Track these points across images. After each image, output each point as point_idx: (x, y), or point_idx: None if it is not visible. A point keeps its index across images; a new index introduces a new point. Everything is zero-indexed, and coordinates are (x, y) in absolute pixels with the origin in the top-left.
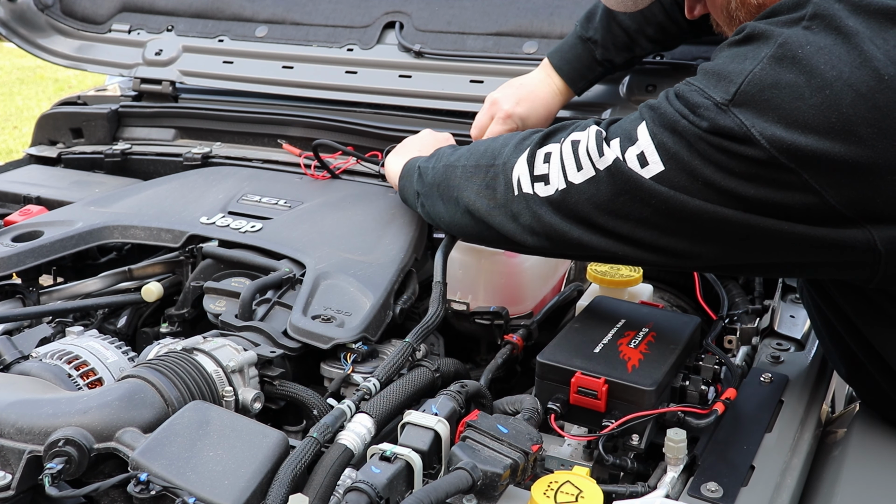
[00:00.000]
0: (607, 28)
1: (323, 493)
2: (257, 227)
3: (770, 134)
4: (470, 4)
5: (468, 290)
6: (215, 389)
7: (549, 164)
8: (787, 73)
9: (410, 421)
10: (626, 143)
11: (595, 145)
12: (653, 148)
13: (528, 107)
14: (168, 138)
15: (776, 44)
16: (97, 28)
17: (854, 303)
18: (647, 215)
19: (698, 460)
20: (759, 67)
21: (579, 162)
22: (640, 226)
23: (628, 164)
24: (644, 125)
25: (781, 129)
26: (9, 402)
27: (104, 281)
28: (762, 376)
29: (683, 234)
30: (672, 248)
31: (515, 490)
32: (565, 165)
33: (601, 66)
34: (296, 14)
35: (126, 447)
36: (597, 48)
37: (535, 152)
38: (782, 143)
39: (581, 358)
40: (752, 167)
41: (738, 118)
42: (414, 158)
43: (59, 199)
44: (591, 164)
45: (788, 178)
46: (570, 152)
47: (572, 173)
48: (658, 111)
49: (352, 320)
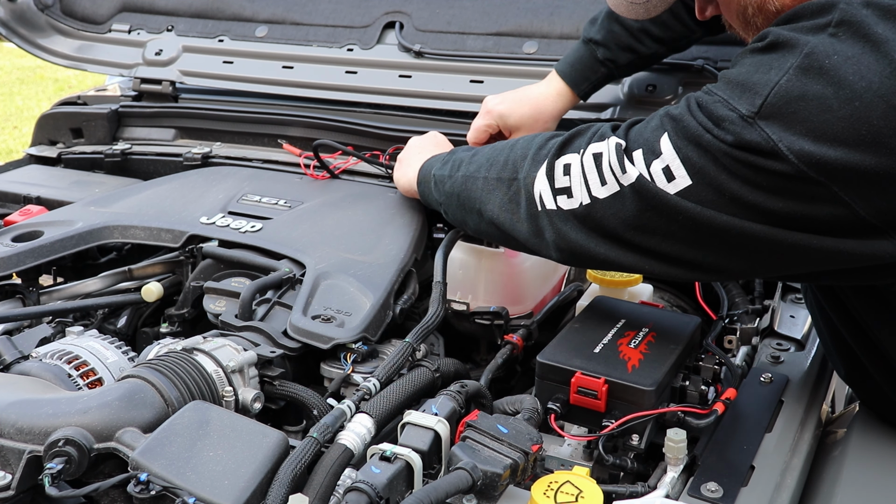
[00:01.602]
0: (608, 28)
1: (323, 493)
2: (257, 227)
3: (798, 148)
4: (470, 4)
5: (468, 290)
6: (215, 389)
7: (570, 175)
8: (815, 84)
9: (410, 421)
10: (650, 156)
11: (617, 160)
12: (678, 162)
13: (510, 106)
14: (168, 138)
15: (802, 53)
16: (97, 28)
17: (866, 302)
18: (674, 230)
19: (698, 460)
20: (786, 79)
21: (602, 177)
22: (667, 240)
23: (654, 180)
24: (667, 137)
25: (809, 142)
26: (9, 402)
27: (104, 281)
28: (762, 376)
29: (711, 248)
30: (699, 262)
31: (515, 490)
32: (588, 179)
33: (604, 66)
34: (296, 14)
35: (126, 447)
36: (598, 48)
37: (554, 164)
38: (811, 158)
39: (581, 358)
40: (780, 181)
41: (764, 132)
42: (427, 163)
43: (59, 199)
44: (615, 180)
45: (817, 191)
46: (593, 166)
47: (596, 188)
48: (681, 123)
49: (352, 320)
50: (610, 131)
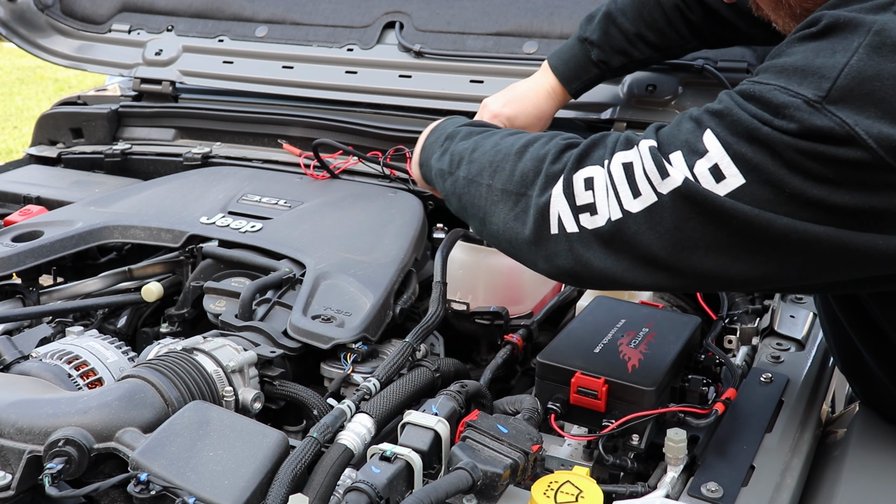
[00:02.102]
0: (605, 30)
1: (323, 493)
2: (257, 227)
3: (877, 132)
4: (470, 4)
5: (468, 290)
6: (215, 389)
7: (594, 190)
8: (889, 62)
9: (410, 421)
10: (692, 156)
11: (654, 165)
12: (728, 160)
13: (515, 108)
14: (168, 138)
15: (871, 31)
16: (97, 28)
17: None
18: (721, 239)
19: (698, 460)
20: (856, 59)
21: (636, 187)
22: (711, 254)
23: (700, 182)
24: (711, 135)
25: (888, 125)
26: (9, 402)
27: (104, 281)
28: (762, 376)
29: (761, 257)
30: (745, 276)
31: (515, 490)
32: (619, 192)
33: (597, 68)
34: (296, 14)
35: (126, 447)
36: (593, 49)
37: (572, 179)
38: (891, 141)
39: (581, 358)
40: (850, 171)
41: (836, 116)
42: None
43: (59, 199)
44: (652, 189)
45: (892, 179)
46: (623, 176)
47: (628, 201)
48: (729, 117)
49: (352, 320)
50: (636, 137)
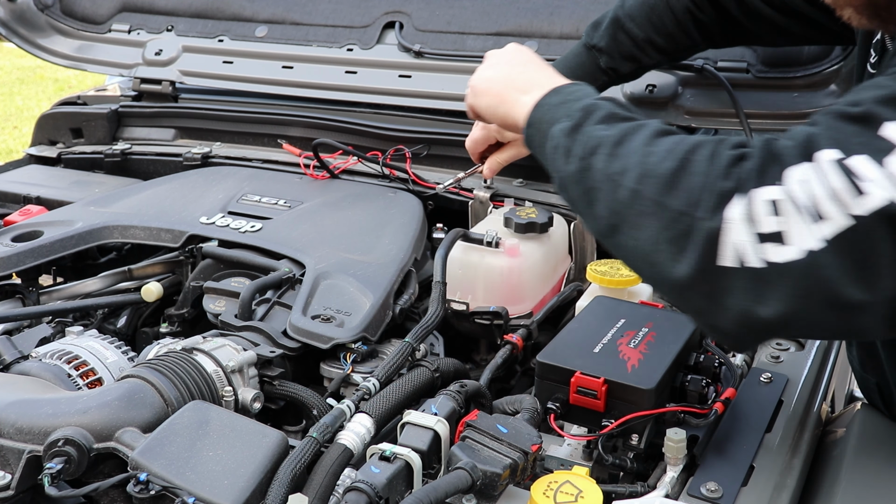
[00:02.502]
0: (613, 36)
1: (322, 493)
2: (257, 227)
3: None
4: (470, 4)
5: (468, 290)
6: (215, 389)
7: (785, 216)
8: None
9: (410, 421)
10: (879, 154)
11: (845, 182)
12: None
13: None
14: (168, 138)
15: None
16: (97, 28)
17: None
18: None
19: (698, 460)
20: None
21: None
22: None
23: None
24: (891, 125)
25: None
26: (9, 402)
27: (104, 281)
28: (762, 376)
29: None
30: None
31: (515, 490)
32: (808, 216)
33: (605, 75)
34: (296, 14)
35: (126, 447)
36: (601, 56)
37: (755, 199)
38: None
39: (581, 358)
40: None
41: None
42: (547, 109)
43: (59, 199)
44: (842, 208)
45: None
46: (810, 196)
47: (818, 226)
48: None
49: (351, 320)
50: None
